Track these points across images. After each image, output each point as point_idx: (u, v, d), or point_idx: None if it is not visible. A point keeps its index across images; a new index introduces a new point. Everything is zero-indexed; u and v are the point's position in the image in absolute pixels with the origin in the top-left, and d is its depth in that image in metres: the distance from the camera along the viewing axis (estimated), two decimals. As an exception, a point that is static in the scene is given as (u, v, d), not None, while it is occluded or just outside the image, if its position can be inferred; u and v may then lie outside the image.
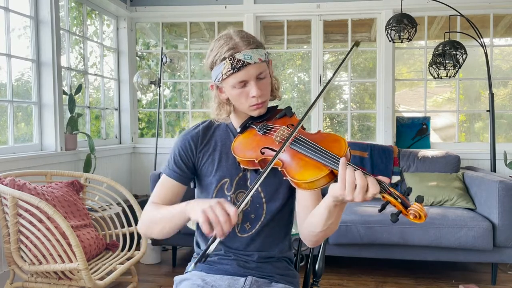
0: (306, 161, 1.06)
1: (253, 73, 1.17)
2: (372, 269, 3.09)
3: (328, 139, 1.11)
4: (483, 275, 2.99)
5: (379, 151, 3.49)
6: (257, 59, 1.16)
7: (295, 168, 1.07)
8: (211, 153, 1.27)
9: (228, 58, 1.15)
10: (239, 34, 1.19)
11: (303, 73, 4.90)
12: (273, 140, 1.17)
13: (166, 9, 4.01)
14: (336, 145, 1.07)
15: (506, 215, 2.64)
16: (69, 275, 2.01)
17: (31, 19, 2.92)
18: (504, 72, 4.48)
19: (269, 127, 1.22)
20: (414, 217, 0.91)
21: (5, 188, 1.99)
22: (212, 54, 1.19)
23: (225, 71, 1.16)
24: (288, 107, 1.27)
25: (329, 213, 1.05)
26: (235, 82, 1.17)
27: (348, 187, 0.94)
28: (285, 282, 1.27)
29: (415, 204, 0.91)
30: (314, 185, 1.03)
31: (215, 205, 0.98)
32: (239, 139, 1.24)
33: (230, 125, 1.31)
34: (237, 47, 1.15)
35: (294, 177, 1.05)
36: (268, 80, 1.23)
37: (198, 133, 1.29)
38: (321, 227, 1.09)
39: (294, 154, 1.10)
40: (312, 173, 1.03)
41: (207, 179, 1.27)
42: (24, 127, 3.03)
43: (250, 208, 1.25)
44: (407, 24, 3.12)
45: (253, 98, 1.19)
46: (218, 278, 1.24)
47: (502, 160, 3.45)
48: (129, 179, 4.07)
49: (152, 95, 4.47)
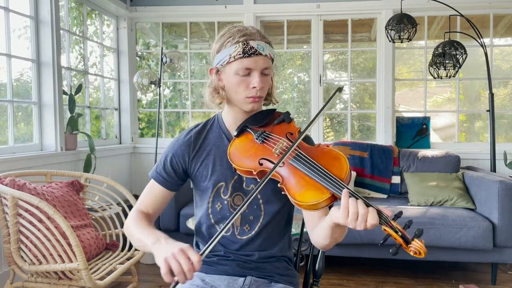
0: (307, 180, 1.05)
1: (261, 64, 1.17)
2: (372, 269, 3.09)
3: (329, 156, 1.08)
4: (483, 275, 2.99)
5: (379, 151, 3.49)
6: (268, 53, 1.17)
7: (295, 187, 1.05)
8: (204, 158, 1.26)
9: (242, 42, 1.15)
10: (254, 28, 1.20)
11: (303, 73, 4.90)
12: (272, 152, 1.14)
13: (166, 9, 4.01)
14: (337, 165, 1.05)
15: (506, 215, 2.64)
16: (69, 275, 2.01)
17: (31, 19, 2.92)
18: (504, 72, 4.48)
19: (268, 136, 1.19)
20: (414, 254, 0.93)
21: (5, 188, 1.99)
22: (224, 38, 1.18)
23: (235, 53, 1.15)
24: (287, 113, 1.24)
25: (332, 230, 1.07)
26: (241, 67, 1.15)
27: (351, 217, 0.96)
28: (284, 282, 1.27)
29: (415, 241, 0.92)
30: (315, 207, 1.02)
31: (178, 253, 0.95)
32: (235, 144, 1.21)
33: (223, 124, 1.29)
34: (252, 35, 1.16)
35: (295, 198, 1.04)
36: (269, 79, 1.23)
37: (191, 139, 1.27)
38: (328, 240, 1.12)
39: (294, 171, 1.08)
40: (313, 195, 1.02)
41: (203, 184, 1.26)
42: (24, 127, 3.03)
43: (248, 210, 1.25)
44: (407, 24, 3.12)
45: (253, 89, 1.17)
46: (217, 278, 1.24)
47: (502, 160, 3.45)
48: (129, 179, 4.07)
49: (152, 95, 4.47)
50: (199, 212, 1.31)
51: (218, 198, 1.25)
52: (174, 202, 2.99)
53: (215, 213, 1.26)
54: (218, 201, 1.25)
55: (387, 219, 0.95)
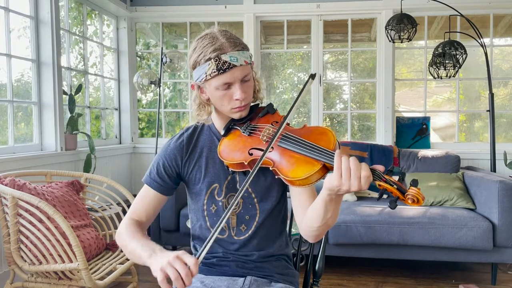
0: (296, 157, 1.05)
1: (238, 75, 1.14)
2: (372, 269, 3.09)
3: (315, 132, 1.09)
4: (483, 275, 2.99)
5: (379, 151, 3.49)
6: (243, 62, 1.13)
7: (286, 166, 1.06)
8: (197, 160, 1.25)
9: (214, 59, 1.11)
10: (225, 35, 1.15)
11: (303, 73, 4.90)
12: (260, 140, 1.15)
13: (166, 9, 4.01)
14: (324, 138, 1.06)
15: (506, 215, 2.64)
16: (69, 275, 2.01)
17: (31, 19, 2.92)
18: (504, 72, 4.48)
19: (254, 127, 1.20)
20: (413, 202, 0.90)
21: (5, 188, 1.98)
22: (196, 53, 1.15)
23: (209, 71, 1.12)
24: (270, 104, 1.25)
25: (326, 207, 1.04)
26: (219, 84, 1.14)
27: (344, 175, 0.94)
28: (284, 281, 1.27)
29: (411, 189, 0.91)
30: (308, 181, 1.02)
31: (174, 260, 0.95)
32: (224, 142, 1.21)
33: (213, 127, 1.29)
34: (223, 48, 1.12)
35: (287, 175, 1.04)
36: (252, 83, 1.21)
37: (183, 142, 1.27)
38: (319, 221, 1.08)
39: (283, 152, 1.08)
40: (304, 169, 1.02)
41: (197, 186, 1.26)
42: (24, 127, 3.03)
43: (243, 210, 1.24)
44: (407, 24, 3.12)
45: (237, 101, 1.16)
46: (216, 279, 1.24)
47: (502, 160, 3.45)
48: (129, 179, 4.07)
49: (152, 95, 4.47)
50: (194, 216, 1.31)
51: (212, 200, 1.25)
52: (174, 202, 2.99)
53: (210, 215, 1.26)
54: (213, 203, 1.25)
55: (380, 174, 0.94)
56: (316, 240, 1.19)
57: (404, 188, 0.92)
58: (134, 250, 1.11)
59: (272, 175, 1.16)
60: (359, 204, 3.02)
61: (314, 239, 1.18)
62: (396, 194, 0.92)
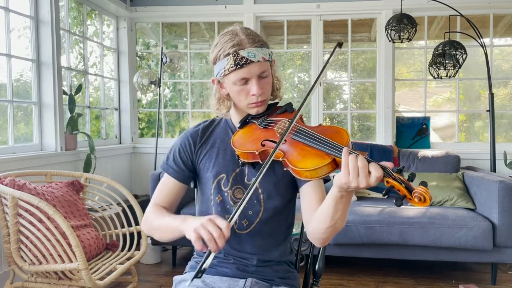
0: (308, 150, 1.06)
1: (256, 71, 1.17)
2: (372, 269, 3.09)
3: (330, 131, 1.10)
4: (483, 275, 2.99)
5: (379, 151, 3.49)
6: (261, 58, 1.17)
7: (296, 157, 1.06)
8: (209, 149, 1.28)
9: (232, 54, 1.15)
10: (245, 32, 1.19)
11: (303, 73, 4.90)
12: (275, 132, 1.17)
13: (166, 9, 4.01)
14: (338, 136, 1.07)
15: (506, 215, 2.64)
16: (69, 275, 2.01)
17: (31, 19, 2.92)
18: (504, 72, 4.48)
19: (270, 121, 1.22)
20: (419, 200, 0.89)
21: (5, 188, 1.98)
22: (217, 49, 1.20)
23: (227, 66, 1.16)
24: (289, 103, 1.28)
25: (336, 205, 1.03)
26: (237, 79, 1.17)
27: (352, 173, 0.93)
28: (285, 285, 1.27)
29: (419, 187, 0.90)
30: (316, 173, 1.01)
31: (207, 222, 0.99)
32: (239, 133, 1.24)
33: (230, 122, 1.32)
34: (242, 44, 1.16)
35: (295, 165, 1.04)
36: (270, 80, 1.23)
37: (198, 131, 1.31)
38: (328, 222, 1.06)
39: (296, 144, 1.09)
40: (314, 161, 1.01)
41: (205, 174, 1.27)
42: (24, 127, 3.03)
43: (247, 204, 1.24)
44: (407, 24, 3.12)
45: (253, 96, 1.19)
46: (217, 279, 1.24)
47: (502, 160, 3.45)
48: (129, 179, 4.07)
49: (152, 95, 4.47)
50: (200, 208, 1.32)
51: (218, 190, 1.25)
52: (174, 202, 2.98)
53: (216, 205, 1.26)
54: (219, 193, 1.25)
55: (390, 172, 0.93)
56: (323, 244, 1.18)
57: (412, 186, 0.92)
58: (165, 225, 1.17)
59: (282, 174, 1.18)
60: (359, 204, 3.02)
61: (321, 243, 1.16)
62: (403, 193, 0.92)
